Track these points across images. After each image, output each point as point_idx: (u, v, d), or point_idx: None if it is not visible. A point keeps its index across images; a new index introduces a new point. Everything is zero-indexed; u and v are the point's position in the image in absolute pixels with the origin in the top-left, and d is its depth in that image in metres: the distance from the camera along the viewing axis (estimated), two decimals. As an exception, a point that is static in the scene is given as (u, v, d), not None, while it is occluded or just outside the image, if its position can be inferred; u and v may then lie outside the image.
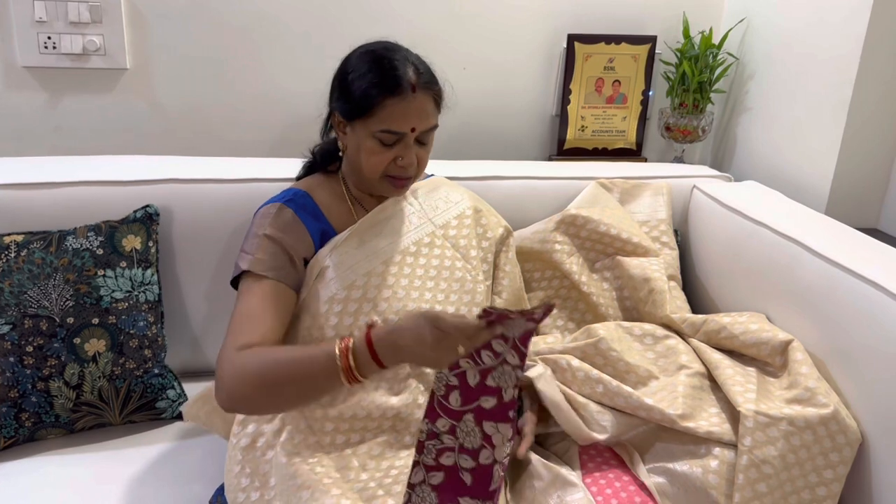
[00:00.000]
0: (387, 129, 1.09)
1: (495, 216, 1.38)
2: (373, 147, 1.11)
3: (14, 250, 1.23)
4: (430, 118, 1.13)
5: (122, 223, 1.31)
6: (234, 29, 1.68)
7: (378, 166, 1.13)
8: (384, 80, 1.08)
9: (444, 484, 0.97)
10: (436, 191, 1.32)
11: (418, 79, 1.10)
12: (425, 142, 1.15)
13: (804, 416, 1.09)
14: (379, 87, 1.08)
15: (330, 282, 1.13)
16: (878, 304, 1.11)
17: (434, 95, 1.13)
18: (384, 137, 1.10)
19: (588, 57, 1.84)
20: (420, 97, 1.10)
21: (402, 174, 1.14)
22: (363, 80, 1.09)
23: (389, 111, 1.08)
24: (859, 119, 1.54)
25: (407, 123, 1.09)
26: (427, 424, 0.97)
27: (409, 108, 1.09)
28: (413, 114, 1.09)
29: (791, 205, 1.51)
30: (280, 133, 1.76)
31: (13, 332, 1.20)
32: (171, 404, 1.32)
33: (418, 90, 1.09)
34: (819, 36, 1.61)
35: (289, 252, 1.13)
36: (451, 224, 1.28)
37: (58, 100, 1.65)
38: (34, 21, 1.56)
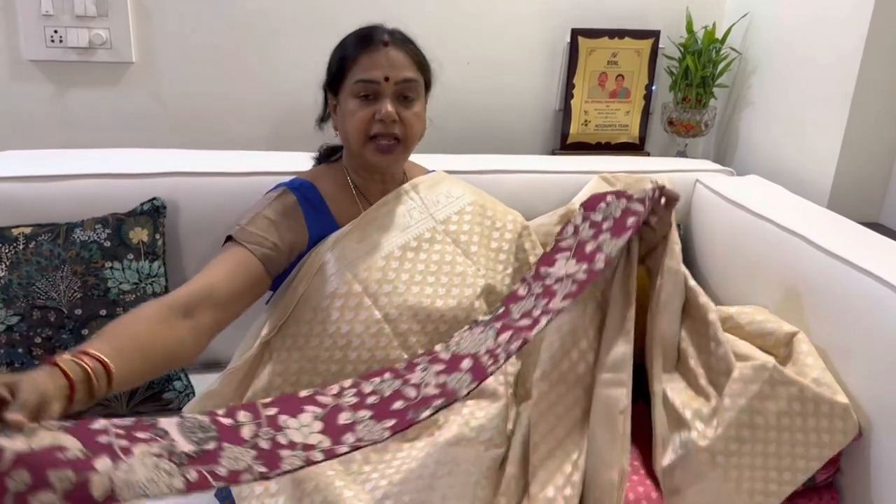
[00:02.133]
0: (359, 78, 1.13)
1: (501, 206, 1.37)
2: (353, 107, 1.14)
3: (22, 242, 1.24)
4: (405, 70, 1.15)
5: (129, 216, 1.32)
6: (240, 22, 1.68)
7: (360, 125, 1.14)
8: (357, 39, 1.16)
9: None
10: (437, 186, 1.32)
11: (391, 37, 1.15)
12: (407, 96, 1.16)
13: (816, 391, 1.10)
14: (352, 47, 1.15)
15: (331, 276, 1.14)
16: (879, 297, 1.11)
17: (410, 53, 1.17)
18: (359, 89, 1.13)
19: (591, 51, 1.84)
20: (392, 50, 1.14)
21: (383, 130, 1.14)
22: (340, 49, 1.17)
23: (361, 64, 1.13)
24: (861, 113, 1.54)
25: (379, 71, 1.12)
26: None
27: (381, 58, 1.13)
28: (384, 63, 1.13)
29: (793, 199, 1.52)
30: (286, 126, 1.77)
31: (22, 324, 1.21)
32: (177, 395, 1.33)
33: (391, 45, 1.14)
34: (822, 31, 1.61)
35: (279, 235, 1.13)
36: (452, 219, 1.29)
37: (64, 93, 1.66)
38: (40, 15, 1.57)
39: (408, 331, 1.15)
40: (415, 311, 1.15)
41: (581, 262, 1.11)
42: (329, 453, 0.86)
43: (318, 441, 0.88)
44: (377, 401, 0.98)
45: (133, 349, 0.87)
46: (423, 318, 1.16)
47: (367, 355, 1.12)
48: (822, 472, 1.16)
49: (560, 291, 1.08)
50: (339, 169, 1.25)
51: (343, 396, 0.98)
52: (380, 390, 1.00)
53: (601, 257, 1.09)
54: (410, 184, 1.28)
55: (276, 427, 0.88)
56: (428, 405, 0.94)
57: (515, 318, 1.09)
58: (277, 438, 0.86)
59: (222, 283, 1.04)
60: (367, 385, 1.01)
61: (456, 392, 0.96)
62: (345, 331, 1.12)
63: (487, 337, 1.07)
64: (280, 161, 1.46)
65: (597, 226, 1.16)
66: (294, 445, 0.86)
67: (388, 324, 1.14)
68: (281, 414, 0.91)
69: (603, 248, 1.10)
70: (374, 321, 1.13)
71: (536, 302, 1.10)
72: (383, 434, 0.90)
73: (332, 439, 0.88)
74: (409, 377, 1.03)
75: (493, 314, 1.14)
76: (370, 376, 1.04)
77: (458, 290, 1.21)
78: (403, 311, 1.15)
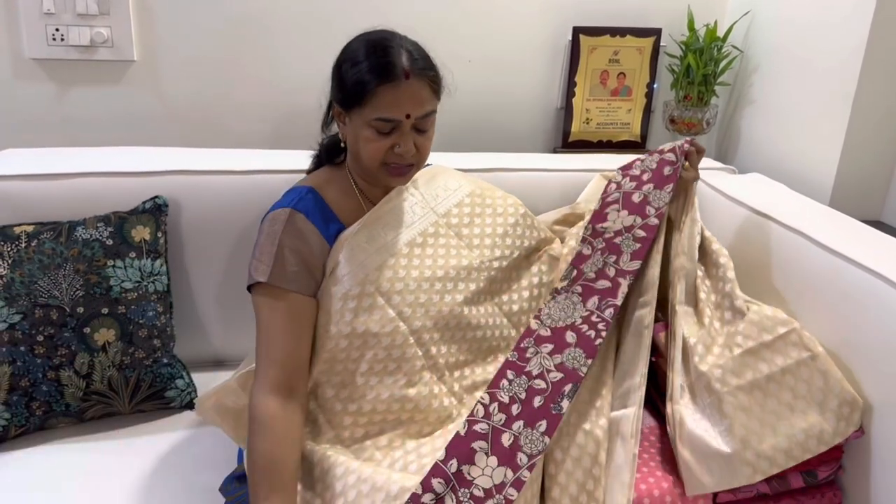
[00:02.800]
0: (381, 116, 1.08)
1: (500, 192, 1.37)
2: (369, 136, 1.11)
3: (25, 241, 1.24)
4: (426, 104, 1.11)
5: (131, 214, 1.32)
6: (241, 20, 1.68)
7: (376, 154, 1.12)
8: (376, 67, 1.07)
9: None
10: (434, 179, 1.32)
11: (412, 65, 1.09)
12: (424, 128, 1.14)
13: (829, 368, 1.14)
14: (371, 75, 1.07)
15: (343, 278, 1.13)
16: (882, 294, 1.11)
17: (430, 81, 1.11)
18: (379, 126, 1.10)
19: (593, 49, 1.84)
20: (414, 83, 1.09)
21: (401, 161, 1.13)
22: (357, 69, 1.09)
23: (382, 98, 1.07)
24: (863, 112, 1.54)
25: (401, 110, 1.09)
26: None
27: (403, 94, 1.08)
28: (407, 100, 1.08)
29: (795, 197, 1.52)
30: (287, 124, 1.77)
31: (24, 322, 1.21)
32: (179, 394, 1.33)
33: (412, 76, 1.08)
34: (824, 29, 1.61)
35: (307, 260, 1.12)
36: (453, 212, 1.29)
37: (65, 91, 1.66)
38: (42, 13, 1.57)
39: (422, 328, 1.15)
40: (427, 307, 1.16)
41: (633, 214, 1.25)
42: (517, 484, 1.00)
43: (503, 476, 1.01)
44: (520, 408, 1.09)
45: (293, 478, 1.03)
46: (436, 314, 1.16)
47: (383, 354, 1.12)
48: (825, 469, 1.16)
49: (625, 249, 1.22)
50: (342, 172, 1.24)
51: (492, 417, 1.08)
52: (516, 395, 1.11)
53: (652, 211, 1.24)
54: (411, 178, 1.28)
55: (468, 483, 1.00)
56: (561, 393, 1.09)
57: (591, 276, 1.23)
58: (474, 493, 0.99)
59: (300, 344, 1.10)
60: (501, 393, 1.11)
61: (576, 371, 1.12)
62: (360, 331, 1.12)
63: (574, 304, 1.20)
64: (281, 159, 1.46)
65: (637, 179, 1.29)
66: (490, 493, 0.99)
67: (403, 322, 1.14)
68: (461, 465, 1.01)
69: (651, 200, 1.24)
70: (389, 320, 1.13)
71: (605, 258, 1.23)
72: (544, 441, 1.05)
73: (511, 469, 1.02)
74: (527, 368, 1.14)
75: (569, 278, 1.25)
76: (497, 382, 1.13)
77: (465, 285, 1.21)
78: (416, 309, 1.15)
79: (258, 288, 1.11)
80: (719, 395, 1.13)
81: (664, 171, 1.28)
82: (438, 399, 1.14)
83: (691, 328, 1.23)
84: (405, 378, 1.13)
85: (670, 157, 1.29)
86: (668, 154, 1.29)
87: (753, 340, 1.16)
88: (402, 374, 1.13)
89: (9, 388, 1.22)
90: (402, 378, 1.13)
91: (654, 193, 1.26)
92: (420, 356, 1.14)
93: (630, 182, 1.30)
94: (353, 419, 1.11)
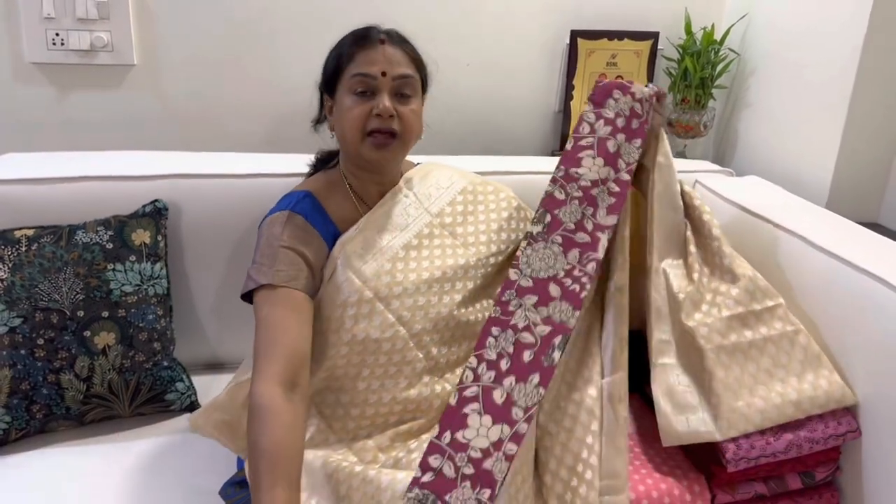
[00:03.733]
0: (357, 72, 1.13)
1: (492, 186, 1.37)
2: (350, 103, 1.14)
3: (25, 244, 1.25)
4: (402, 66, 1.16)
5: (131, 218, 1.33)
6: (240, 25, 1.69)
7: (357, 121, 1.14)
8: (354, 38, 1.17)
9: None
10: (426, 178, 1.33)
11: (388, 36, 1.17)
12: (404, 93, 1.16)
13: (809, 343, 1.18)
14: (349, 45, 1.16)
15: (341, 286, 1.14)
16: (878, 296, 1.12)
17: (405, 51, 1.18)
18: (356, 83, 1.14)
19: (591, 53, 1.85)
20: (388, 48, 1.15)
21: (381, 125, 1.14)
22: (337, 49, 1.18)
23: (359, 59, 1.14)
24: (859, 114, 1.55)
25: (376, 66, 1.13)
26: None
27: (378, 54, 1.14)
28: (381, 59, 1.14)
29: (792, 199, 1.52)
30: (287, 126, 1.78)
31: (24, 325, 1.22)
32: (179, 397, 1.34)
33: (387, 42, 1.16)
34: (820, 32, 1.62)
35: (308, 261, 1.13)
36: (446, 212, 1.29)
37: (65, 96, 1.66)
38: (42, 17, 1.58)
39: (422, 331, 1.15)
40: (426, 310, 1.16)
41: (608, 166, 1.21)
42: (516, 438, 0.98)
43: (500, 433, 0.99)
44: (509, 363, 1.06)
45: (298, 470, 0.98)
46: (435, 316, 1.16)
47: (384, 359, 1.13)
48: (823, 470, 1.17)
49: (601, 203, 1.19)
50: (335, 174, 1.25)
51: (481, 378, 1.04)
52: (504, 350, 1.07)
53: (623, 165, 1.21)
54: (403, 179, 1.28)
55: (463, 447, 0.98)
56: (551, 346, 1.07)
57: (570, 227, 1.19)
58: (472, 455, 0.96)
59: (300, 338, 1.07)
60: (488, 352, 1.08)
61: (565, 324, 1.10)
62: (361, 337, 1.12)
63: (555, 254, 1.16)
64: (281, 163, 1.46)
65: (611, 122, 1.24)
66: (488, 452, 0.97)
67: (403, 326, 1.14)
68: (455, 432, 0.99)
69: (622, 153, 1.21)
70: (389, 325, 1.13)
71: (582, 209, 1.19)
72: (539, 392, 1.02)
73: (507, 424, 0.99)
74: (512, 321, 1.10)
75: (544, 224, 1.19)
76: (483, 341, 1.09)
77: (462, 284, 1.21)
78: (416, 312, 1.15)
79: (260, 292, 1.10)
80: (703, 350, 1.16)
81: (632, 123, 1.24)
82: (441, 398, 1.15)
83: (681, 282, 1.24)
84: (406, 381, 1.13)
85: (638, 109, 1.24)
86: (637, 104, 1.24)
87: (743, 307, 1.20)
88: (403, 377, 1.13)
89: (9, 391, 1.22)
90: (404, 381, 1.13)
91: (625, 147, 1.23)
92: (421, 358, 1.15)
93: (605, 126, 1.23)
94: (356, 423, 1.12)
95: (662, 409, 1.14)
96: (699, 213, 1.30)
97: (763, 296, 1.21)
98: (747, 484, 1.15)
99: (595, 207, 1.19)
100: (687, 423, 1.12)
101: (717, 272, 1.26)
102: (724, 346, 1.16)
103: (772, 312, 1.20)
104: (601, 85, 1.25)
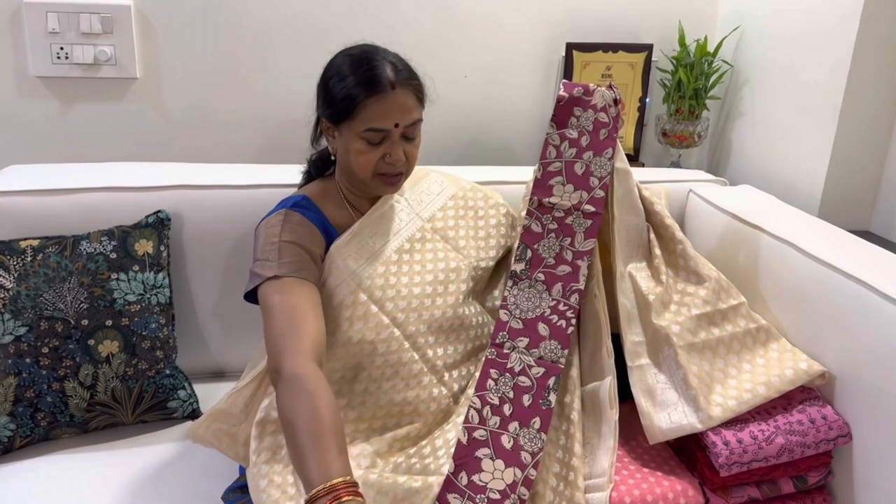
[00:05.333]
0: (371, 127, 1.13)
1: (482, 192, 1.39)
2: (360, 147, 1.15)
3: (30, 255, 1.27)
4: (413, 112, 1.16)
5: (134, 228, 1.35)
6: (241, 38, 1.72)
7: (368, 165, 1.16)
8: (363, 80, 1.12)
9: None
10: (418, 184, 1.35)
11: (397, 76, 1.13)
12: (412, 136, 1.18)
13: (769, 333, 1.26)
14: (359, 88, 1.12)
15: (336, 288, 1.16)
16: (869, 303, 1.14)
17: (414, 90, 1.16)
18: (370, 136, 1.14)
19: (586, 65, 1.88)
20: (400, 93, 1.13)
21: (392, 170, 1.18)
22: (343, 84, 1.13)
23: (371, 110, 1.12)
24: (850, 124, 1.58)
25: (390, 120, 1.13)
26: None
27: (390, 105, 1.12)
28: (395, 110, 1.13)
29: (785, 208, 1.54)
30: (287, 139, 1.80)
31: (30, 334, 1.24)
32: (182, 404, 1.35)
33: (398, 86, 1.13)
34: (811, 43, 1.64)
35: (309, 252, 1.15)
36: (437, 216, 1.32)
37: (69, 108, 1.69)
38: (47, 32, 1.61)
39: (416, 332, 1.17)
40: (419, 312, 1.18)
41: (579, 189, 1.22)
42: (527, 483, 1.03)
43: (514, 476, 1.04)
44: (511, 408, 1.12)
45: (344, 438, 0.94)
46: (429, 318, 1.19)
47: (380, 361, 1.15)
48: (815, 474, 1.18)
49: (578, 229, 1.22)
50: (331, 183, 1.28)
51: (487, 422, 1.10)
52: (505, 395, 1.13)
53: (596, 182, 1.22)
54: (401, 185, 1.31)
55: (481, 490, 1.02)
56: (546, 388, 1.14)
57: (551, 262, 1.22)
58: (491, 497, 1.01)
59: (318, 322, 1.07)
60: (490, 395, 1.14)
61: (556, 364, 1.16)
62: (356, 340, 1.14)
63: (540, 293, 1.20)
64: (280, 174, 1.48)
65: (576, 143, 1.23)
66: (505, 493, 1.01)
67: (397, 327, 1.16)
68: (471, 475, 1.03)
69: (593, 170, 1.21)
70: (384, 326, 1.15)
71: (560, 241, 1.22)
72: (542, 438, 1.07)
73: (518, 468, 1.04)
74: (508, 365, 1.16)
75: (526, 261, 1.23)
76: (483, 384, 1.15)
77: (455, 286, 1.24)
78: (409, 314, 1.18)
79: (268, 285, 1.09)
80: (675, 347, 1.20)
81: (600, 133, 1.24)
82: (437, 401, 1.17)
83: (648, 283, 1.28)
84: (403, 382, 1.15)
85: (603, 119, 1.24)
86: (600, 114, 1.24)
87: (711, 306, 1.25)
88: (400, 379, 1.15)
89: (14, 399, 1.24)
90: (401, 382, 1.15)
91: (596, 162, 1.23)
92: (417, 360, 1.17)
93: (570, 148, 1.24)
94: (354, 426, 1.13)
95: (644, 408, 1.18)
96: (660, 217, 1.34)
97: (728, 295, 1.28)
98: (740, 488, 1.16)
99: (572, 236, 1.23)
100: (669, 419, 1.16)
101: (683, 273, 1.31)
102: (693, 345, 1.21)
103: (736, 311, 1.27)
104: (561, 104, 1.25)
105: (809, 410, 1.17)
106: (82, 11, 1.61)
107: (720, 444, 1.12)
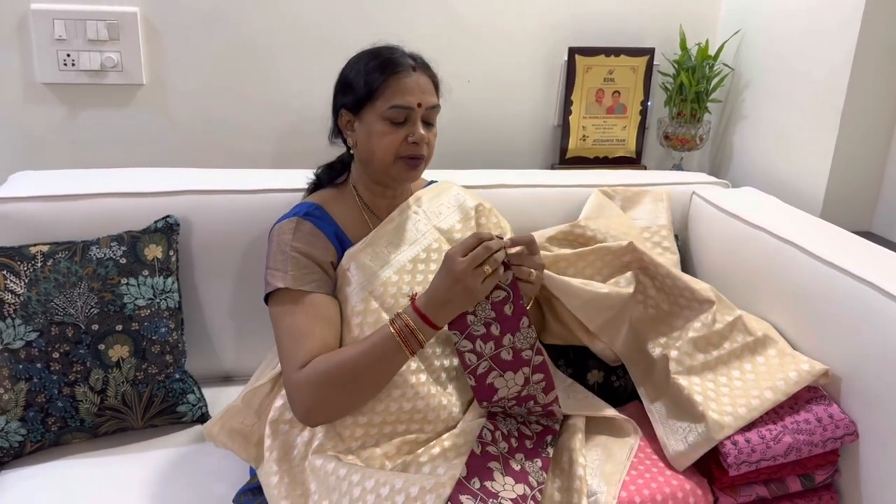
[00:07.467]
0: (394, 104, 1.16)
1: (495, 219, 1.40)
2: (383, 129, 1.17)
3: (41, 260, 1.27)
4: (432, 96, 1.21)
5: (143, 233, 1.36)
6: (245, 45, 1.73)
7: (391, 147, 1.18)
8: (384, 63, 1.18)
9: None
10: (439, 196, 1.36)
11: (416, 61, 1.21)
12: (431, 122, 1.21)
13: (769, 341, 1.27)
14: (381, 70, 1.17)
15: (349, 295, 1.17)
16: (874, 303, 1.15)
17: (431, 78, 1.22)
18: (393, 115, 1.16)
19: (588, 69, 1.89)
20: (420, 76, 1.19)
21: (415, 152, 1.19)
22: (365, 69, 1.19)
23: (394, 88, 1.16)
24: (851, 125, 1.59)
25: (413, 97, 1.17)
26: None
27: (413, 83, 1.17)
28: (416, 89, 1.17)
29: (787, 209, 1.56)
30: (293, 144, 1.81)
31: (40, 339, 1.24)
32: (191, 408, 1.36)
33: (418, 69, 1.19)
34: (812, 46, 1.66)
35: (319, 262, 1.17)
36: (456, 228, 1.33)
37: (76, 115, 1.70)
38: (54, 39, 1.61)
39: None
40: None
41: (519, 369, 1.16)
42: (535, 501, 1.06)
43: (523, 490, 1.06)
44: (517, 442, 1.16)
45: None
46: None
47: None
48: (822, 472, 1.19)
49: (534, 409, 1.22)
50: (345, 189, 1.29)
51: (497, 444, 1.13)
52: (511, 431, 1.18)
53: (529, 353, 1.16)
54: (413, 198, 1.32)
55: (494, 495, 1.03)
56: (544, 442, 1.17)
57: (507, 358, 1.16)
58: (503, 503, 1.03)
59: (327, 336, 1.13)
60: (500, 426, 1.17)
61: (551, 427, 1.20)
62: None
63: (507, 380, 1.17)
64: (287, 178, 1.49)
65: (488, 336, 1.13)
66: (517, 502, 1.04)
67: None
68: (483, 481, 1.06)
69: (520, 348, 1.14)
70: None
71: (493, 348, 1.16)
72: (543, 476, 1.11)
73: (528, 486, 1.08)
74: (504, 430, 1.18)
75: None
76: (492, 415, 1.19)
77: None
78: None
79: (277, 295, 1.14)
80: (677, 376, 1.22)
81: (504, 310, 1.11)
82: (447, 409, 1.18)
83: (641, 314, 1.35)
84: (412, 391, 1.16)
85: (500, 295, 1.11)
86: (495, 293, 1.10)
87: (707, 328, 1.28)
88: (409, 387, 1.16)
89: (25, 404, 1.24)
90: (410, 391, 1.16)
91: (518, 338, 1.13)
92: (423, 369, 1.18)
93: (486, 343, 1.13)
94: (364, 430, 1.14)
95: (664, 441, 1.21)
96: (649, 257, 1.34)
97: (722, 315, 1.30)
98: (748, 486, 1.17)
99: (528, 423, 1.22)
100: (686, 443, 1.17)
101: (676, 291, 1.33)
102: (693, 368, 1.24)
103: (732, 327, 1.28)
104: (457, 318, 1.11)
105: (816, 409, 1.18)
106: (89, 18, 1.62)
107: (728, 444, 1.13)
